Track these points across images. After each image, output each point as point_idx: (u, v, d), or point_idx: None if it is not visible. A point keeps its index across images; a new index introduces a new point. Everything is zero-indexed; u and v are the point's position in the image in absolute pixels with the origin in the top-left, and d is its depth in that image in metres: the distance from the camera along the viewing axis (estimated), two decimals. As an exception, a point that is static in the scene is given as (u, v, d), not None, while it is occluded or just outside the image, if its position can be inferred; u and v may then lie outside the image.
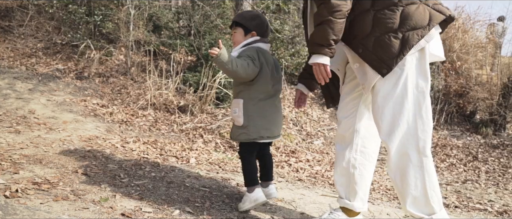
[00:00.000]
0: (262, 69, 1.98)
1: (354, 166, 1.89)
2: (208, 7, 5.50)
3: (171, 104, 4.54)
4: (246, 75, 1.90)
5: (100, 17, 5.30)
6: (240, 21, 2.06)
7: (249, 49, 1.99)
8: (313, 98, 6.26)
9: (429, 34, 1.64)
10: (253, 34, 2.04)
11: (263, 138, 2.00)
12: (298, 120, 5.26)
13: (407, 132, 1.64)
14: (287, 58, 6.43)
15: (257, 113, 1.97)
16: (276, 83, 2.08)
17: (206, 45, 5.11)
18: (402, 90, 1.64)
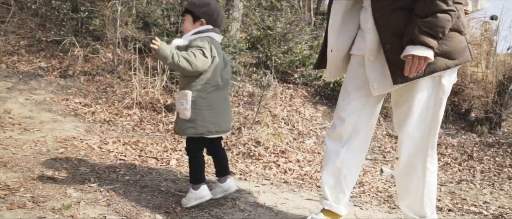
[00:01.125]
0: (214, 61, 1.85)
1: (348, 167, 1.78)
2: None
3: (157, 103, 4.36)
4: (194, 68, 1.76)
5: (86, 13, 5.10)
6: (188, 8, 1.93)
7: (201, 39, 1.85)
8: (305, 96, 6.09)
9: (453, 69, 1.61)
10: (202, 22, 1.90)
11: (212, 132, 1.88)
12: (289, 119, 5.08)
13: (420, 147, 1.69)
14: (280, 55, 6.26)
15: (206, 106, 1.85)
16: (226, 75, 1.96)
17: (195, 42, 4.94)
18: (429, 106, 1.65)
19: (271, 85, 5.92)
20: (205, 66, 1.79)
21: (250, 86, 5.80)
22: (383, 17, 1.57)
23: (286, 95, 5.98)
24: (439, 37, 1.45)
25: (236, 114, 4.79)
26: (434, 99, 1.65)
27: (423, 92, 1.64)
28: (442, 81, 1.63)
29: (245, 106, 5.14)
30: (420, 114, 1.65)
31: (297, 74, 6.48)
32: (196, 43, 1.81)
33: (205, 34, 1.88)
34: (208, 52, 1.80)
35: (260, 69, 6.11)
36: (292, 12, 7.42)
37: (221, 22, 1.98)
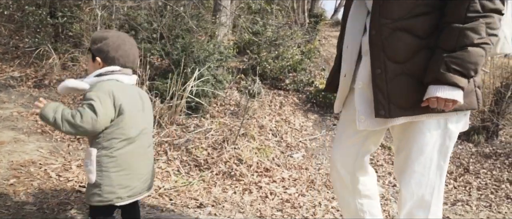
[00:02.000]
0: (120, 112, 1.47)
1: (362, 210, 1.59)
2: (182, 8, 4.98)
3: (136, 116, 4.04)
4: (82, 131, 1.40)
5: (64, 19, 4.77)
6: (89, 44, 1.58)
7: (98, 86, 1.46)
8: (296, 104, 5.78)
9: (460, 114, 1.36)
10: (99, 62, 1.52)
11: (122, 199, 1.50)
12: (278, 130, 4.77)
13: (422, 207, 1.41)
14: (270, 61, 5.93)
15: (114, 166, 1.47)
16: (143, 123, 1.58)
17: (178, 50, 4.60)
18: (433, 156, 1.36)
19: (260, 93, 5.60)
20: (97, 126, 1.41)
21: (238, 95, 5.48)
22: (380, 36, 1.30)
23: (275, 103, 5.66)
24: (471, 75, 1.18)
25: (221, 126, 4.48)
26: (439, 148, 1.35)
27: (425, 138, 1.34)
28: (449, 126, 1.33)
29: (231, 117, 4.83)
30: (423, 165, 1.35)
31: (288, 79, 6.16)
32: (88, 94, 1.44)
33: (107, 77, 1.50)
34: (101, 105, 1.41)
35: (248, 76, 5.79)
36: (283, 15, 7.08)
37: (127, 60, 1.56)
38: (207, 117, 4.62)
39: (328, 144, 4.80)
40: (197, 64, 4.57)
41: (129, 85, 1.57)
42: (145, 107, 1.62)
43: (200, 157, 3.61)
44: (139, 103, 1.58)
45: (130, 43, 1.59)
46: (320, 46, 8.76)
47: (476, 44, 1.15)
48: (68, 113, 1.40)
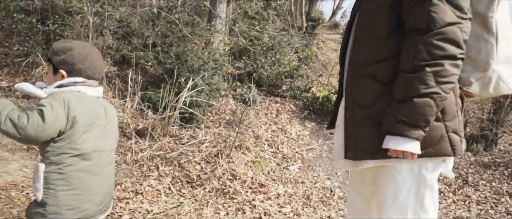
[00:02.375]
0: (73, 124, 1.32)
1: None
2: (177, 14, 4.83)
3: (127, 128, 3.90)
4: (24, 135, 1.24)
5: (55, 26, 4.61)
6: (49, 55, 1.44)
7: (54, 95, 1.33)
8: (293, 111, 5.65)
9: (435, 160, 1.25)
10: (62, 74, 1.39)
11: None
12: (274, 140, 4.64)
13: None
14: (266, 67, 5.79)
15: (63, 185, 1.32)
16: (102, 140, 1.43)
17: (172, 58, 4.46)
18: (409, 205, 1.26)
19: (256, 101, 5.47)
20: (42, 134, 1.26)
21: (234, 103, 5.34)
22: (350, 81, 1.32)
23: (272, 110, 5.53)
24: (421, 126, 1.13)
25: (216, 136, 4.35)
26: (415, 195, 1.25)
27: (397, 183, 1.25)
28: (423, 173, 1.24)
29: (226, 127, 4.69)
30: (399, 212, 1.26)
31: (285, 86, 6.03)
32: (42, 100, 1.31)
33: (68, 88, 1.38)
34: (51, 113, 1.27)
35: (244, 84, 5.65)
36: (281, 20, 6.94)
37: (94, 71, 1.43)
38: (201, 127, 4.48)
39: (325, 154, 4.68)
40: (191, 73, 4.43)
41: (92, 97, 1.43)
42: (109, 122, 1.48)
43: (192, 172, 3.48)
44: (101, 118, 1.43)
45: (96, 54, 1.46)
46: (318, 50, 8.62)
47: (423, 94, 1.10)
48: (15, 113, 1.25)
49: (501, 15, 1.17)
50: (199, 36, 4.83)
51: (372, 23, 1.24)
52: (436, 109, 1.11)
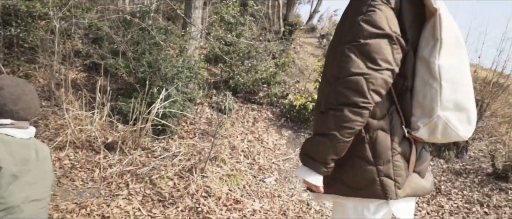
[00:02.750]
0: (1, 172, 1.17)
1: None
2: (150, 21, 4.62)
3: (95, 142, 3.69)
4: None
5: (18, 30, 4.32)
6: None
7: None
8: (270, 119, 5.56)
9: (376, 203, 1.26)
10: None
11: None
12: (250, 151, 4.53)
13: None
14: (243, 74, 5.67)
15: None
16: (32, 188, 1.28)
17: (144, 67, 4.26)
18: None
19: (233, 109, 5.34)
20: None
21: (209, 111, 5.19)
22: None
23: (248, 118, 5.42)
24: (321, 162, 1.17)
25: (190, 148, 4.19)
26: None
27: None
28: (365, 214, 1.25)
29: (201, 137, 4.54)
30: None
31: (262, 93, 5.93)
32: None
33: None
34: None
35: (220, 91, 5.51)
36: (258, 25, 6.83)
37: (28, 112, 1.29)
38: (175, 138, 4.31)
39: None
40: (164, 82, 4.25)
41: (22, 140, 1.27)
42: (41, 167, 1.32)
43: (164, 190, 3.32)
44: (31, 163, 1.27)
45: (31, 92, 1.31)
46: (295, 54, 8.58)
47: (322, 134, 1.17)
48: None
49: (446, 60, 1.13)
50: (173, 43, 4.65)
51: (327, 65, 1.33)
52: (332, 150, 1.15)
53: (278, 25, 8.84)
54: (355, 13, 1.14)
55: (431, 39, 1.15)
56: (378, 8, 1.10)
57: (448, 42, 1.13)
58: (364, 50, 1.10)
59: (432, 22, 1.14)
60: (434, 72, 1.14)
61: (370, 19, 1.10)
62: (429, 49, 1.15)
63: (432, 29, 1.14)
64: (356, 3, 1.17)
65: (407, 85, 1.20)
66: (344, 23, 1.23)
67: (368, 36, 1.10)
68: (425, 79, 1.16)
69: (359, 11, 1.13)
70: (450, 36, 1.13)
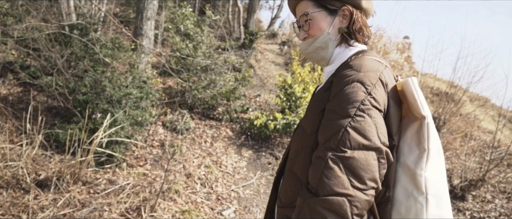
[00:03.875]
0: None
1: None
2: (94, 33, 4.08)
3: (24, 179, 3.14)
4: None
5: None
6: None
7: None
8: (229, 137, 5.22)
9: None
10: None
11: None
12: (207, 178, 4.16)
13: None
14: (201, 90, 5.27)
15: None
16: None
17: (87, 87, 3.74)
18: None
19: (189, 128, 4.93)
20: None
21: (163, 132, 4.75)
22: None
23: (206, 138, 5.04)
24: None
25: (140, 178, 3.75)
26: None
27: None
28: None
29: (154, 164, 4.11)
30: None
31: (221, 108, 5.57)
32: None
33: None
34: None
35: (176, 108, 5.08)
36: (217, 35, 6.44)
37: None
38: (123, 166, 3.84)
39: (262, 190, 4.32)
40: (110, 105, 3.76)
41: None
42: None
43: (107, 237, 2.87)
44: None
45: None
46: (256, 63, 8.29)
47: None
48: None
49: (432, 173, 0.99)
50: (121, 59, 4.15)
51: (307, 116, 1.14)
52: None
53: (239, 32, 8.50)
54: (342, 108, 0.95)
55: (416, 148, 1.00)
56: (368, 114, 0.93)
57: (434, 152, 1.00)
58: (350, 165, 0.91)
59: (416, 127, 1.01)
60: (420, 185, 0.98)
61: (358, 127, 0.91)
62: (414, 159, 1.00)
63: (418, 137, 1.00)
64: (345, 94, 0.96)
65: (389, 196, 1.01)
66: (324, 93, 1.05)
67: (355, 146, 0.91)
68: (409, 191, 1.00)
69: (345, 112, 0.94)
70: (436, 145, 1.00)
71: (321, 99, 1.04)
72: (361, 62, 1.00)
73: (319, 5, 1.09)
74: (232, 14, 9.00)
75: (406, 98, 1.02)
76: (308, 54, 1.13)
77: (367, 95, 0.93)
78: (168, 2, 7.75)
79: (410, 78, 1.00)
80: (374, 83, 0.95)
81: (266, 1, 11.02)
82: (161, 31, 6.95)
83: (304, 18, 1.10)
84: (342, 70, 1.01)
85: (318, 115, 1.02)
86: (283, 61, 9.19)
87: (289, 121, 4.92)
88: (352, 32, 1.11)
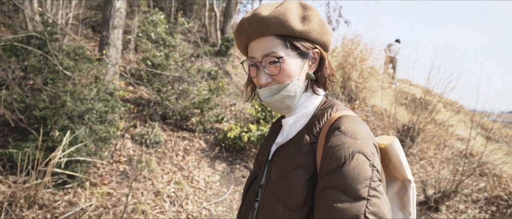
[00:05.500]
0: None
1: None
2: (52, 44, 3.82)
3: (-29, 206, 2.87)
4: None
5: None
6: None
7: None
8: (202, 149, 5.03)
9: None
10: None
11: None
12: (177, 195, 3.97)
13: None
14: (173, 100, 5.06)
15: None
16: None
17: (46, 102, 3.48)
18: None
19: (160, 141, 4.72)
20: None
21: (132, 145, 4.51)
22: None
23: (178, 150, 4.83)
24: None
25: (104, 198, 3.52)
26: None
27: None
28: None
29: (120, 181, 3.88)
30: None
31: (194, 118, 5.38)
32: None
33: None
34: None
35: (144, 121, 4.85)
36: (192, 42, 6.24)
37: None
38: (86, 185, 3.60)
39: (235, 206, 4.17)
40: (71, 121, 3.51)
41: None
42: None
43: (62, 269, 2.65)
44: None
45: None
46: (233, 69, 8.13)
47: None
48: None
49: None
50: (85, 70, 3.90)
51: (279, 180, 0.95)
52: None
53: (215, 37, 8.32)
54: (351, 189, 0.79)
55: (400, 212, 0.99)
56: (379, 191, 0.81)
57: (414, 216, 0.99)
58: None
59: (397, 188, 0.99)
60: None
61: (377, 211, 0.78)
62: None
63: (400, 200, 0.98)
64: (351, 170, 0.81)
65: None
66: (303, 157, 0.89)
67: None
68: None
69: (357, 193, 0.78)
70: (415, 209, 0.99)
71: (302, 166, 0.87)
72: (353, 126, 0.86)
73: (291, 47, 0.90)
74: (208, 18, 8.81)
75: (390, 159, 0.96)
76: (270, 103, 0.93)
77: (372, 169, 0.82)
78: (142, 6, 7.49)
79: (395, 142, 0.94)
80: (373, 152, 0.84)
81: (243, 5, 10.88)
82: (133, 36, 6.69)
83: (271, 59, 0.90)
84: (331, 136, 0.85)
85: (302, 187, 0.85)
86: (260, 67, 9.06)
87: (264, 132, 4.78)
88: (321, 79, 0.97)
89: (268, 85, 0.92)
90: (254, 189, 0.99)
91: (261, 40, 0.90)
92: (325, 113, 0.93)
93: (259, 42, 0.91)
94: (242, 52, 1.00)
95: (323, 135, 0.88)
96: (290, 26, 0.88)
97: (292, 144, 0.93)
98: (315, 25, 0.91)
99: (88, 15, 7.13)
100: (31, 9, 5.36)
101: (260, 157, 1.05)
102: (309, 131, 0.91)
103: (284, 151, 0.94)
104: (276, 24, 0.87)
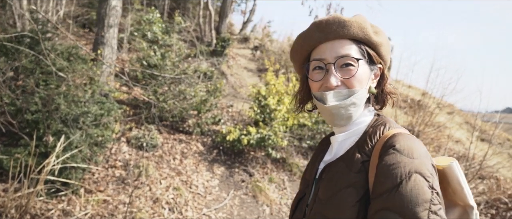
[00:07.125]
0: None
1: None
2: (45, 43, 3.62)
3: (-42, 218, 2.68)
4: None
5: None
6: None
7: None
8: (200, 152, 4.88)
9: None
10: None
11: None
12: (176, 202, 3.82)
13: None
14: (169, 102, 4.90)
15: None
16: None
17: (38, 105, 3.29)
18: None
19: (157, 144, 4.55)
20: None
21: (128, 149, 4.34)
22: None
23: (175, 154, 4.67)
24: None
25: (100, 206, 3.35)
26: None
27: None
28: None
29: (116, 187, 3.71)
30: None
31: (191, 120, 5.22)
32: None
33: None
34: None
35: (140, 124, 4.68)
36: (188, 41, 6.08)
37: None
38: (80, 193, 3.43)
39: (236, 212, 4.04)
40: (65, 125, 3.33)
41: None
42: None
43: None
44: None
45: None
46: (228, 69, 7.98)
47: None
48: None
49: None
50: (79, 71, 3.71)
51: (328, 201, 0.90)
52: None
53: (210, 36, 8.16)
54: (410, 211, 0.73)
55: None
56: (440, 216, 0.74)
57: None
58: None
59: (457, 214, 0.92)
60: None
61: None
62: None
63: None
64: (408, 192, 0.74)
65: None
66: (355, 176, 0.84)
67: None
68: None
69: (416, 217, 0.72)
70: None
71: (353, 185, 0.82)
72: (409, 144, 0.80)
73: (366, 54, 0.88)
74: (203, 17, 8.64)
75: (448, 183, 0.88)
76: (336, 108, 0.86)
77: (432, 191, 0.75)
78: (135, 4, 7.28)
79: (454, 163, 0.87)
80: (432, 173, 0.78)
81: (238, 5, 10.73)
82: (126, 35, 6.48)
83: (346, 61, 0.85)
84: (385, 154, 0.79)
85: (353, 207, 0.80)
86: (255, 67, 8.94)
87: (263, 135, 4.66)
88: (382, 94, 0.92)
89: (336, 88, 0.86)
90: (301, 209, 0.94)
91: (337, 42, 0.87)
92: (377, 130, 0.87)
93: (334, 43, 0.87)
94: (297, 58, 0.94)
95: (376, 153, 0.81)
96: (368, 33, 0.87)
97: (341, 162, 0.87)
98: (385, 40, 0.90)
99: (79, 13, 6.89)
100: (20, 6, 5.12)
101: (308, 176, 0.99)
102: (361, 149, 0.85)
103: (333, 169, 0.88)
104: (357, 28, 0.86)
